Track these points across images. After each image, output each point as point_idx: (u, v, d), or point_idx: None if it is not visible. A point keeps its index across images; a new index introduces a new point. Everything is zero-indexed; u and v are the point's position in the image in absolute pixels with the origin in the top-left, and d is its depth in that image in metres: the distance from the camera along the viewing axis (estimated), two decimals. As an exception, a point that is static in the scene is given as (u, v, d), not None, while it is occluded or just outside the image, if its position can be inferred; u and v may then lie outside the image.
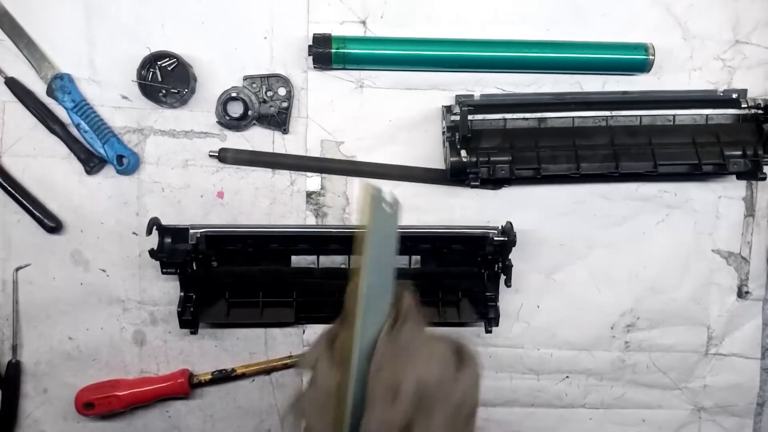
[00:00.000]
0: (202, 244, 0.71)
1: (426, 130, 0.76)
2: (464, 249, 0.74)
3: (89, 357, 0.76)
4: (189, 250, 0.71)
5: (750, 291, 0.80)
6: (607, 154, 0.70)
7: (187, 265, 0.71)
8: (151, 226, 0.69)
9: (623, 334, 0.80)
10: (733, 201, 0.79)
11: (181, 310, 0.71)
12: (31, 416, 0.77)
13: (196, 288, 0.72)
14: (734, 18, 0.77)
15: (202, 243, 0.71)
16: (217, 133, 0.75)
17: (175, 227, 0.72)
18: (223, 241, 0.73)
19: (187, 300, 0.71)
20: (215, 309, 0.74)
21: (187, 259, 0.70)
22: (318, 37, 0.71)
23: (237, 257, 0.74)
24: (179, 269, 0.70)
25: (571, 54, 0.74)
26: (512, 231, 0.71)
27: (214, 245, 0.72)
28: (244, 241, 0.73)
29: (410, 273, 0.74)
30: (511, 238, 0.71)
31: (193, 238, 0.71)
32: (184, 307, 0.71)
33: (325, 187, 0.76)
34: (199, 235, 0.71)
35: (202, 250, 0.71)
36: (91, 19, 0.73)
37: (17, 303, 0.75)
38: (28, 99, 0.72)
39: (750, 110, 0.72)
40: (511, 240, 0.71)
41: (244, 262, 0.74)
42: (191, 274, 0.72)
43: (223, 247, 0.73)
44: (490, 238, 0.72)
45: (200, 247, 0.71)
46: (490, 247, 0.72)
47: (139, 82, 0.71)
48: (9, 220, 0.74)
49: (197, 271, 0.72)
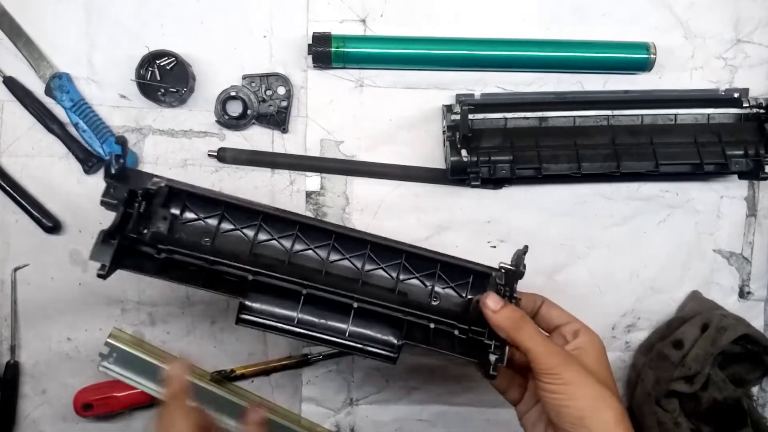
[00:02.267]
0: (161, 196, 0.57)
1: (426, 130, 0.76)
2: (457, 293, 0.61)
3: (88, 358, 0.76)
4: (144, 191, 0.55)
5: (752, 291, 0.80)
6: (608, 154, 0.70)
7: (135, 201, 0.54)
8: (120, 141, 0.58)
9: (624, 335, 0.79)
10: (735, 201, 0.79)
11: (105, 235, 0.51)
12: (30, 417, 0.77)
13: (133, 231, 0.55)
14: (736, 17, 0.77)
15: (162, 196, 0.57)
16: (216, 133, 0.75)
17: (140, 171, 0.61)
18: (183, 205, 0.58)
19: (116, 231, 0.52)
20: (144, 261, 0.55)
21: (139, 191, 0.54)
22: (317, 36, 0.71)
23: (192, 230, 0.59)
24: (126, 198, 0.54)
25: (572, 53, 0.74)
26: (523, 258, 0.58)
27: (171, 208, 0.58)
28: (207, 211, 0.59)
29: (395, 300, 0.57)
30: (518, 269, 0.58)
31: (154, 185, 0.56)
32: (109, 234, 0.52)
33: (324, 187, 0.76)
34: (163, 185, 0.57)
35: (156, 203, 0.57)
36: (90, 19, 0.73)
37: (15, 303, 0.75)
38: (26, 98, 0.72)
39: (752, 109, 0.72)
40: (518, 272, 0.58)
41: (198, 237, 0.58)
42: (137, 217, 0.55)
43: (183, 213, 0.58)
44: (493, 277, 0.59)
45: (157, 199, 0.57)
46: (492, 288, 0.59)
47: (137, 81, 0.71)
48: (7, 220, 0.74)
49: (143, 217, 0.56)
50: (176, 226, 0.58)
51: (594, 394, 0.50)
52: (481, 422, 0.80)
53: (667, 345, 0.74)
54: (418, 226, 0.76)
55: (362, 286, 0.58)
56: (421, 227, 0.76)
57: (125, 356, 0.73)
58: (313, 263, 0.59)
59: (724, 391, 0.73)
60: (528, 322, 0.53)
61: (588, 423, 0.49)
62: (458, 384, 0.78)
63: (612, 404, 0.50)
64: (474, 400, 0.79)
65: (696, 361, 0.71)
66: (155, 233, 0.56)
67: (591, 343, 0.56)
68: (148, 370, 0.72)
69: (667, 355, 0.73)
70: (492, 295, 0.54)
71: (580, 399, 0.50)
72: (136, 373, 0.72)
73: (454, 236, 0.76)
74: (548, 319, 0.59)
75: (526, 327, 0.53)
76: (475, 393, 0.78)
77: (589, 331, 0.57)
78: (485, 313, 0.54)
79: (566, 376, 0.50)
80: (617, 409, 0.50)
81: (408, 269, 0.60)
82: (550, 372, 0.51)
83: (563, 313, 0.59)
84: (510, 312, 0.53)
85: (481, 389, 0.78)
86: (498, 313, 0.53)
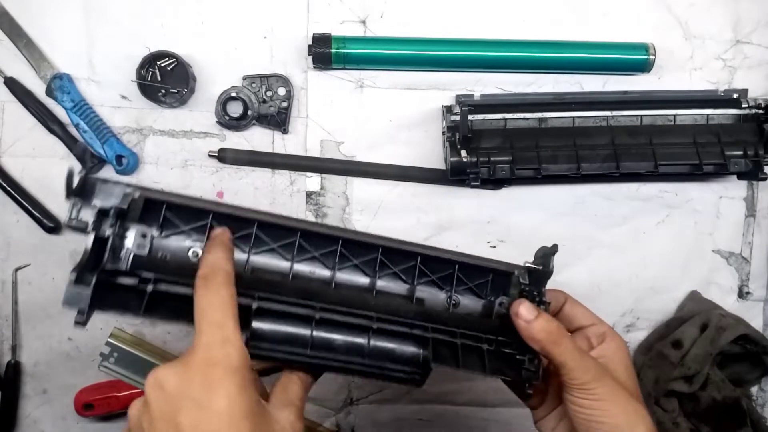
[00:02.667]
0: (135, 210, 0.47)
1: (426, 130, 0.76)
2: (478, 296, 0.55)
3: (89, 357, 0.76)
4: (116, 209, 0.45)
5: (751, 291, 0.80)
6: (607, 154, 0.70)
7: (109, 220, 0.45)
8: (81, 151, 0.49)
9: (623, 334, 0.80)
10: (734, 201, 0.79)
11: (77, 276, 0.42)
12: (31, 417, 0.77)
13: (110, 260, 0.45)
14: (735, 18, 0.77)
15: (137, 209, 0.47)
16: (216, 133, 0.75)
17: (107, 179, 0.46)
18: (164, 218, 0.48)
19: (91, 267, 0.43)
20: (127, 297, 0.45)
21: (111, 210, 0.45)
22: (318, 37, 0.71)
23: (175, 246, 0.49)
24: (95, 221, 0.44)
25: (572, 54, 0.74)
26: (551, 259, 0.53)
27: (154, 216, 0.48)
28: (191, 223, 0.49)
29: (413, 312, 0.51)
30: (545, 269, 0.53)
31: (126, 197, 0.46)
32: (83, 273, 0.43)
33: (324, 187, 0.76)
34: (137, 196, 0.46)
35: (132, 218, 0.47)
36: (91, 19, 0.73)
37: (16, 303, 0.75)
38: (27, 99, 0.72)
39: (751, 110, 0.72)
40: (545, 272, 0.53)
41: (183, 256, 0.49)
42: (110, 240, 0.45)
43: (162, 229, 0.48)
44: (516, 276, 0.53)
45: (132, 213, 0.47)
46: (515, 289, 0.53)
47: (138, 81, 0.71)
48: (8, 221, 0.74)
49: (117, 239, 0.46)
50: (157, 244, 0.48)
51: (628, 410, 0.48)
52: (481, 422, 0.80)
53: (667, 345, 0.74)
54: (418, 226, 0.76)
55: (376, 297, 0.52)
56: (421, 227, 0.76)
57: (126, 356, 0.73)
58: (319, 275, 0.52)
59: (723, 390, 0.73)
60: (565, 334, 0.49)
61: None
62: (458, 384, 0.78)
63: (645, 421, 0.48)
64: (474, 399, 0.79)
65: (695, 360, 0.72)
66: (136, 258, 0.47)
67: (618, 349, 0.53)
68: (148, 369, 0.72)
69: (666, 354, 0.74)
70: (525, 303, 0.50)
71: (615, 416, 0.48)
72: (136, 373, 0.72)
73: (453, 236, 0.76)
74: (571, 318, 0.56)
75: (563, 341, 0.48)
76: (475, 393, 0.79)
77: (615, 336, 0.54)
78: (517, 323, 0.49)
79: (600, 391, 0.48)
80: (650, 426, 0.48)
81: (423, 272, 0.53)
82: (584, 387, 0.48)
83: (587, 313, 0.56)
84: (545, 323, 0.48)
85: (480, 389, 0.78)
86: (532, 323, 0.48)
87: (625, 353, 0.53)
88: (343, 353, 0.47)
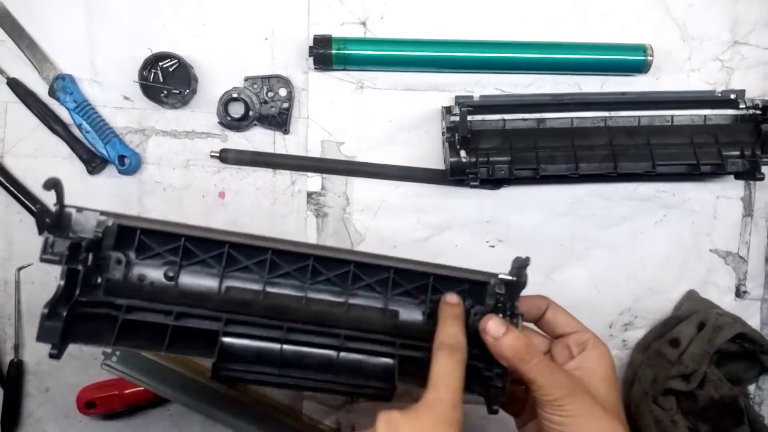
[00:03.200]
0: (109, 237, 0.48)
1: (426, 131, 0.76)
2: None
3: (91, 356, 0.76)
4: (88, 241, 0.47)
5: (748, 291, 0.80)
6: (605, 155, 0.70)
7: (80, 254, 0.47)
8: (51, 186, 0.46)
9: (621, 333, 0.80)
10: (731, 201, 0.79)
11: (48, 312, 0.44)
12: (33, 415, 0.77)
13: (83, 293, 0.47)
14: (733, 19, 0.77)
15: (111, 236, 0.48)
16: (218, 134, 0.75)
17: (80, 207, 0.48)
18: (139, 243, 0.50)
19: (62, 302, 0.46)
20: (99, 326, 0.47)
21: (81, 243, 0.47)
22: (318, 39, 0.72)
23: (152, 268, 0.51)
24: (67, 256, 0.46)
25: (570, 55, 0.74)
26: (525, 270, 0.52)
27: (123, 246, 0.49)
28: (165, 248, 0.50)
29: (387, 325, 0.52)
30: (520, 279, 0.52)
31: (101, 226, 0.48)
32: (54, 308, 0.45)
33: (325, 187, 0.76)
34: (111, 223, 0.48)
35: (106, 246, 0.48)
36: (93, 20, 0.73)
37: (19, 303, 0.75)
38: (30, 100, 0.73)
39: (748, 111, 0.72)
40: (519, 282, 0.52)
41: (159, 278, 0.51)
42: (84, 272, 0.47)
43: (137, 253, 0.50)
44: (491, 286, 0.53)
45: (105, 241, 0.48)
46: (491, 299, 0.53)
47: (140, 82, 0.72)
48: (11, 220, 0.75)
49: (91, 270, 0.48)
50: (133, 268, 0.50)
51: (602, 427, 0.47)
52: (481, 421, 0.80)
53: (664, 343, 0.74)
54: (417, 226, 0.77)
55: (349, 310, 0.52)
56: (420, 227, 0.77)
57: (128, 354, 0.73)
58: (292, 291, 0.52)
59: (721, 389, 0.73)
60: (534, 353, 0.48)
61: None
62: (457, 382, 0.79)
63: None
64: (473, 399, 0.79)
65: (693, 359, 0.72)
66: (109, 282, 0.49)
67: (599, 357, 0.52)
68: (151, 367, 0.72)
69: (664, 353, 0.74)
70: (493, 319, 0.49)
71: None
72: (139, 371, 0.73)
73: (453, 236, 0.77)
74: (554, 326, 0.55)
75: (530, 359, 0.48)
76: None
77: (597, 344, 0.53)
78: (485, 339, 0.49)
79: (572, 408, 0.47)
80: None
81: (398, 283, 0.53)
82: (555, 403, 0.47)
83: (570, 320, 0.55)
84: (513, 340, 0.48)
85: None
86: (500, 340, 0.48)
87: (606, 363, 0.52)
88: (312, 371, 0.49)
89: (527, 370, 0.48)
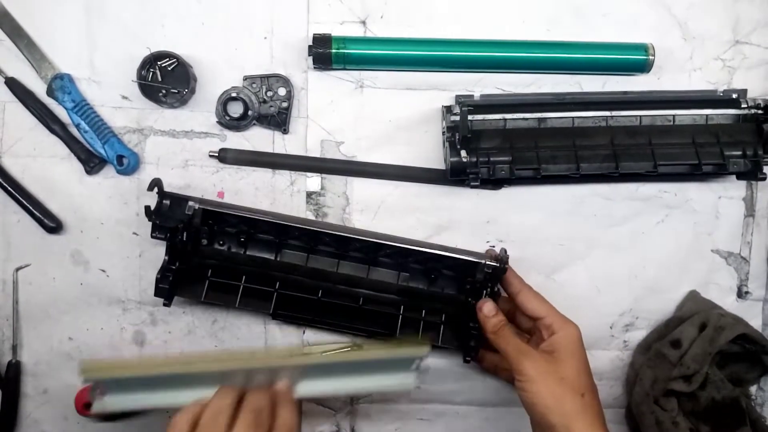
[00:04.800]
0: (197, 217, 0.68)
1: (426, 130, 0.76)
2: (454, 275, 0.74)
3: (89, 357, 0.76)
4: (183, 219, 0.68)
5: (750, 291, 0.80)
6: (606, 155, 0.70)
7: (178, 233, 0.68)
8: (153, 186, 0.67)
9: (622, 334, 0.80)
10: (733, 201, 0.79)
11: (160, 277, 0.68)
12: (31, 416, 0.77)
13: (181, 260, 0.69)
14: (734, 18, 0.77)
15: (198, 216, 0.68)
16: (217, 133, 0.75)
17: (175, 195, 0.69)
18: (217, 220, 0.70)
19: (168, 270, 0.68)
20: (194, 287, 0.71)
21: (178, 226, 0.67)
22: (318, 38, 0.71)
23: (228, 240, 0.72)
24: (169, 235, 0.67)
25: (571, 54, 0.74)
26: (506, 258, 0.69)
27: (208, 222, 0.70)
28: (237, 226, 0.71)
29: (395, 288, 0.74)
30: (502, 265, 0.69)
31: (190, 210, 0.67)
32: (164, 275, 0.68)
33: (325, 187, 0.76)
34: (197, 207, 0.68)
35: (195, 224, 0.68)
36: (91, 20, 0.73)
37: (17, 303, 0.75)
38: (28, 99, 0.72)
39: (750, 110, 0.72)
40: (501, 268, 0.69)
41: (235, 247, 0.72)
42: (180, 245, 0.69)
43: (217, 227, 0.71)
44: (482, 265, 0.69)
45: (195, 220, 0.68)
46: (480, 275, 0.70)
47: (139, 82, 0.72)
48: (9, 221, 0.74)
49: (186, 243, 0.69)
50: (214, 239, 0.72)
51: (556, 392, 0.59)
52: (481, 421, 0.80)
53: (666, 344, 0.74)
54: (417, 226, 0.77)
55: (368, 274, 0.74)
56: (420, 227, 0.77)
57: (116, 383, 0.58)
58: (328, 258, 0.74)
59: (723, 390, 0.73)
60: (506, 329, 0.65)
61: (550, 418, 0.58)
62: (458, 383, 0.79)
63: (573, 399, 0.58)
64: (474, 399, 0.79)
65: (694, 360, 0.72)
66: (198, 250, 0.71)
67: (566, 338, 0.63)
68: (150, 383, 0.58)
69: (665, 354, 0.74)
70: (489, 303, 0.68)
71: (543, 397, 0.58)
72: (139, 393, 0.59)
73: (453, 236, 0.77)
74: (524, 309, 0.67)
75: (503, 333, 0.65)
76: (475, 392, 0.79)
77: (563, 324, 0.64)
78: (479, 315, 0.68)
79: (530, 373, 0.60)
80: (577, 403, 0.58)
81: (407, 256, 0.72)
82: (518, 372, 0.61)
83: (538, 305, 0.67)
84: (497, 321, 0.66)
85: (480, 389, 0.79)
86: (489, 318, 0.67)
87: (573, 342, 0.63)
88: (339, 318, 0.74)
89: (499, 342, 0.65)
